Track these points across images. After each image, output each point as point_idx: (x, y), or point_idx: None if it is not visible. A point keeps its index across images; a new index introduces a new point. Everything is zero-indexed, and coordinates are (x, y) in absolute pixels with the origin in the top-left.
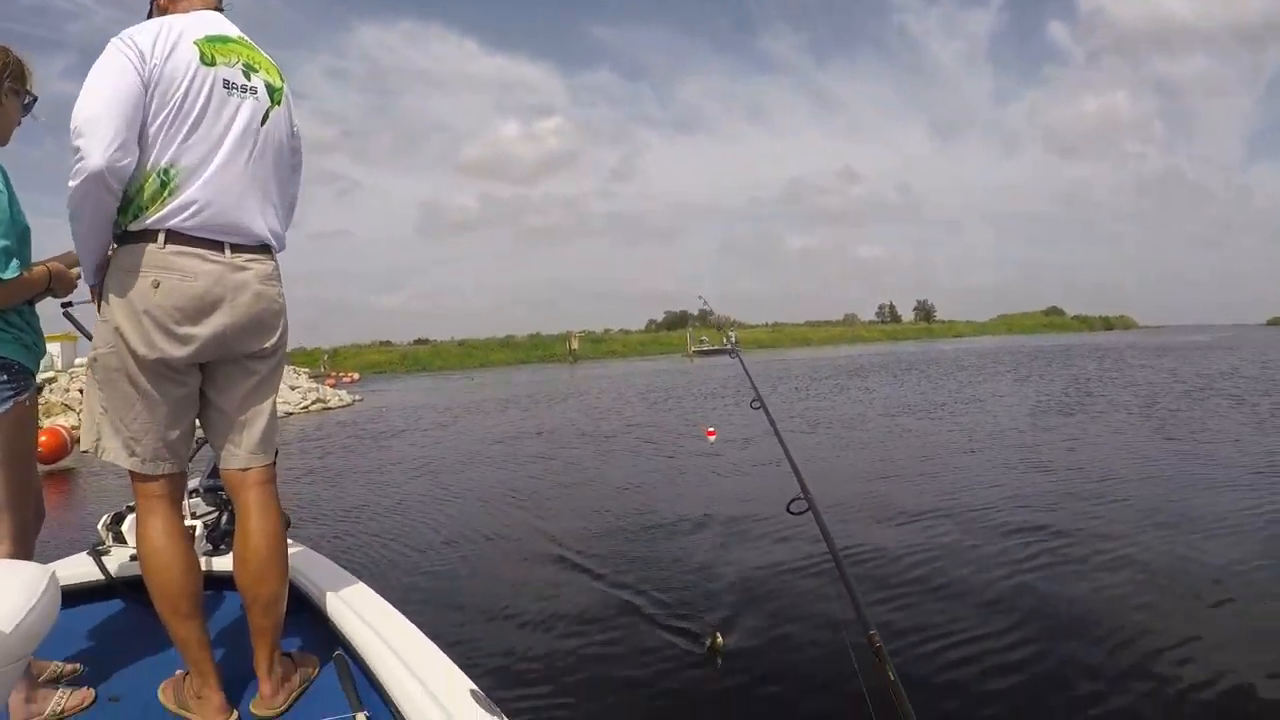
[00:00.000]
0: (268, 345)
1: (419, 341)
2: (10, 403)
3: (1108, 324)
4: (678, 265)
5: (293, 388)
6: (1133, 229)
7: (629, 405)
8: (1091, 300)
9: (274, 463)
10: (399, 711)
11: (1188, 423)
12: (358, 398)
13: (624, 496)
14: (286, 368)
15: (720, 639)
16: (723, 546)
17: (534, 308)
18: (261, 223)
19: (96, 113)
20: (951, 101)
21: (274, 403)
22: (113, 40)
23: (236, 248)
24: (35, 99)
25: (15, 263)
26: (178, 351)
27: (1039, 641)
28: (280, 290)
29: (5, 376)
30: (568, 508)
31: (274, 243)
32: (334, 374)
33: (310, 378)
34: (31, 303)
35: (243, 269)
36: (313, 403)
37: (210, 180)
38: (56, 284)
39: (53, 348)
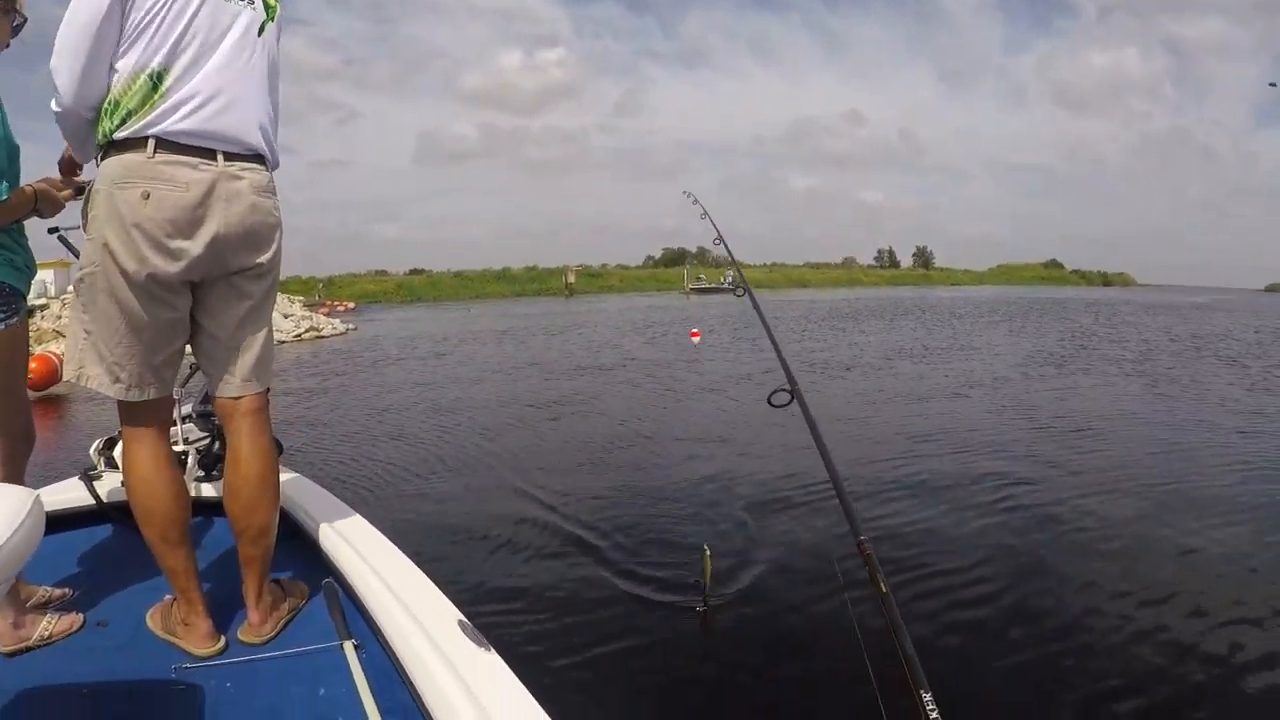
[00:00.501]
0: (262, 261)
1: (415, 272)
2: (2, 325)
3: (1106, 280)
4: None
5: (286, 316)
6: (1136, 188)
7: (625, 339)
8: (1091, 256)
9: (268, 391)
10: (386, 640)
11: (1178, 379)
12: (352, 326)
13: (617, 426)
14: (281, 296)
15: (710, 553)
16: (715, 465)
17: (532, 240)
18: (257, 132)
19: (62, 51)
20: (960, 49)
21: (269, 329)
22: None
23: (230, 156)
24: (25, 20)
25: (4, 184)
26: (170, 267)
27: (1018, 574)
28: (276, 203)
29: None
30: (562, 439)
31: (269, 154)
32: (329, 302)
33: (305, 306)
34: (19, 223)
35: (237, 177)
36: (306, 331)
37: (204, 81)
38: (43, 204)
39: (45, 274)
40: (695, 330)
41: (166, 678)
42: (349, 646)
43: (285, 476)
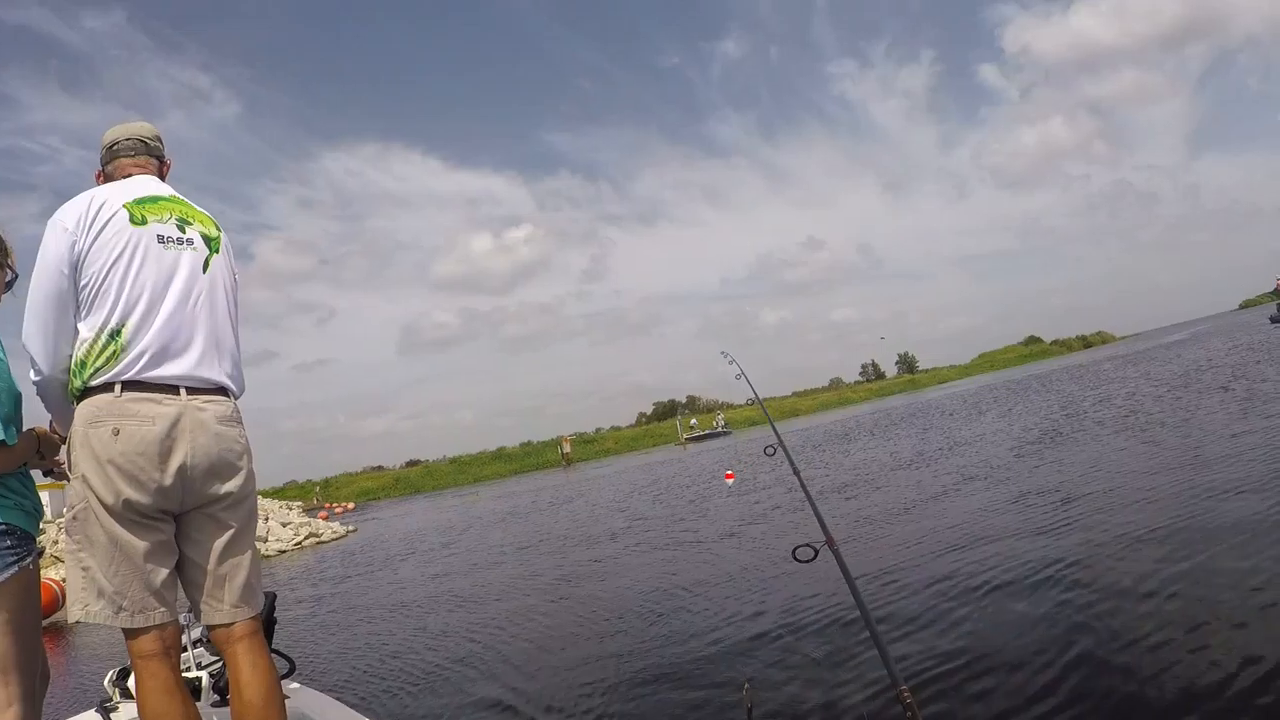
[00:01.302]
0: (233, 490)
1: (410, 463)
2: (15, 568)
3: (1086, 343)
4: (658, 355)
5: (284, 524)
6: (1093, 247)
7: (628, 501)
8: (1067, 323)
9: (261, 614)
10: None
11: (1162, 421)
12: (351, 528)
13: (638, 591)
14: (278, 503)
15: (748, 690)
16: (742, 617)
17: (522, 416)
18: (216, 367)
19: (31, 332)
20: (898, 157)
21: (254, 554)
22: (49, 223)
23: (193, 390)
24: (16, 276)
25: (11, 429)
26: (144, 497)
27: (1067, 678)
28: (242, 432)
29: (9, 542)
30: (579, 615)
31: (231, 385)
32: (326, 505)
33: (304, 512)
34: (25, 467)
35: (201, 409)
36: (305, 538)
37: (159, 330)
38: (46, 448)
39: (41, 495)
40: (730, 473)
41: None
42: None
43: (301, 693)
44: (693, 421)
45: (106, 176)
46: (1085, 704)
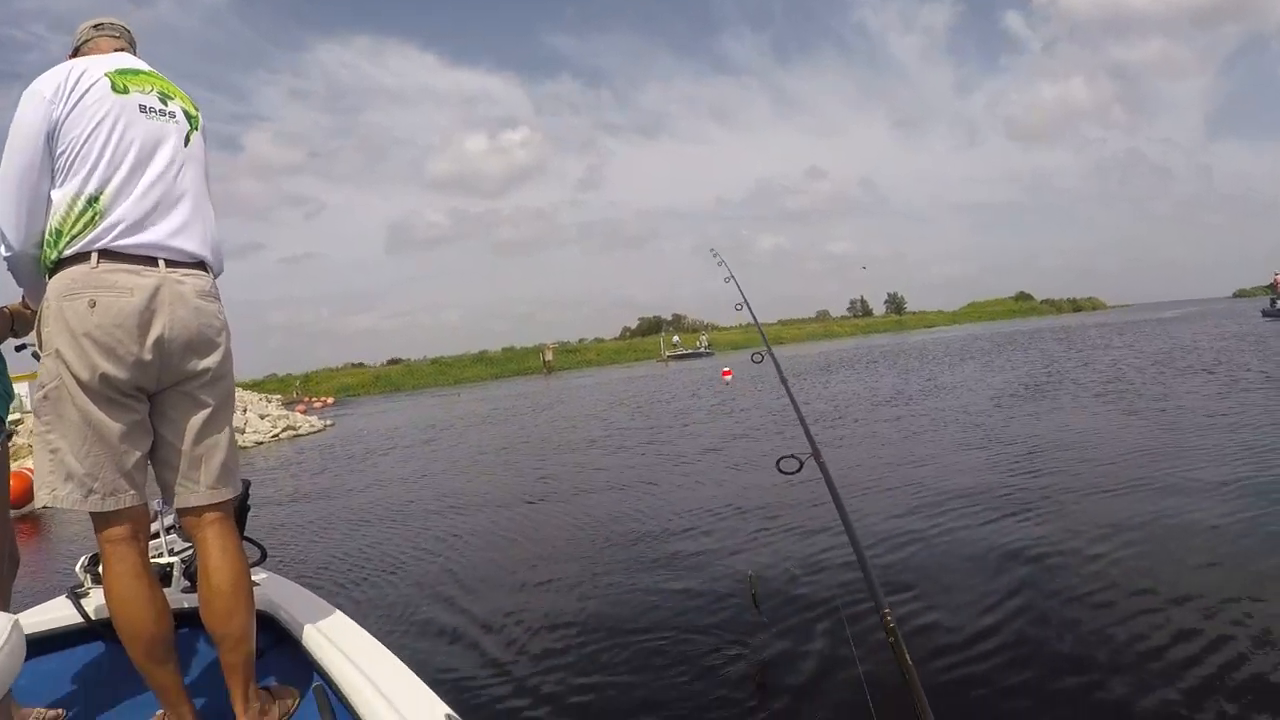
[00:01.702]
0: (211, 366)
1: (392, 361)
2: None
3: (1076, 306)
4: (650, 270)
5: (262, 416)
6: (1097, 212)
7: (609, 411)
8: (1060, 285)
9: (234, 498)
10: None
11: (1140, 392)
12: (329, 423)
13: (615, 500)
14: (257, 395)
15: (753, 578)
16: (721, 529)
17: (508, 322)
18: (196, 239)
19: (2, 206)
20: (912, 95)
21: (230, 435)
22: (24, 94)
23: (171, 263)
24: None
25: None
26: (121, 372)
27: (1027, 617)
28: (220, 308)
29: None
30: (556, 519)
31: (210, 260)
32: (306, 399)
33: (283, 405)
34: None
35: (180, 283)
36: (283, 430)
37: (140, 198)
38: (19, 325)
39: (20, 388)
40: (728, 370)
41: None
42: None
43: (269, 581)
44: (675, 339)
45: (85, 55)
46: (1026, 646)
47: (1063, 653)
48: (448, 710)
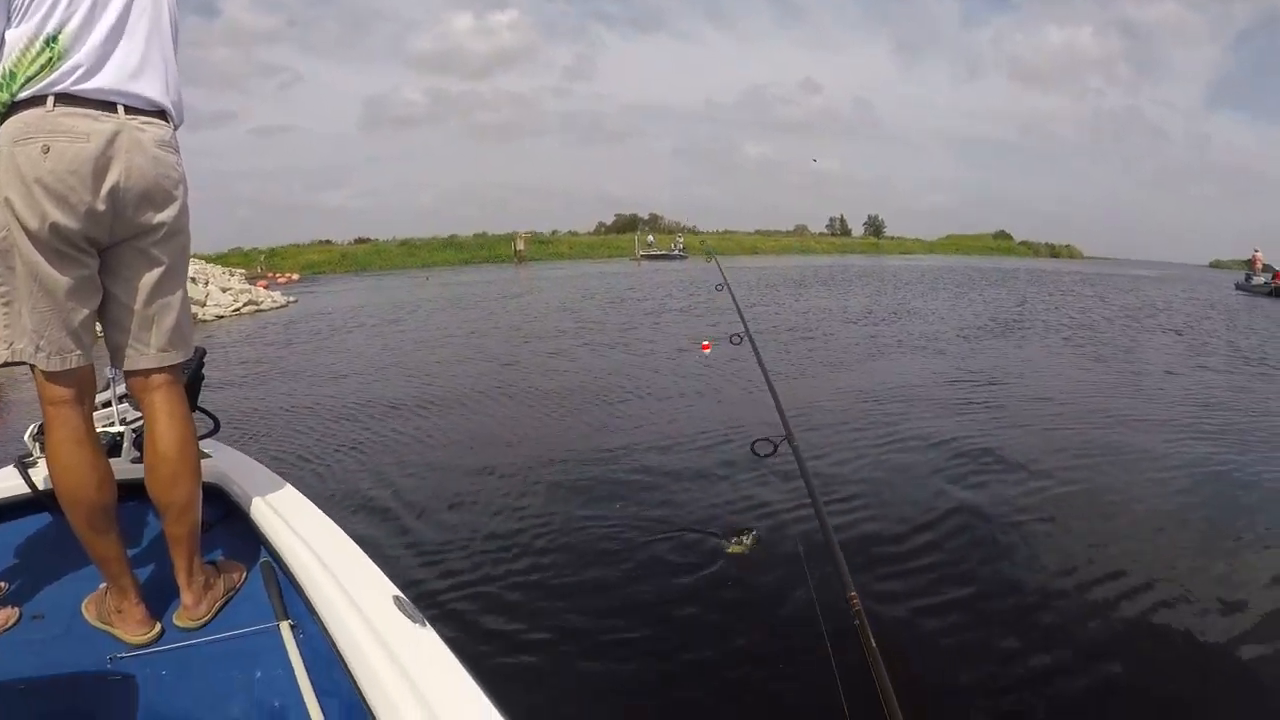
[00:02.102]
0: (166, 220)
1: (360, 241)
2: None
3: (1054, 252)
4: (631, 168)
5: (224, 290)
6: (1086, 164)
7: (580, 304)
8: (1040, 228)
9: (185, 363)
10: (322, 620)
11: (1111, 341)
12: (292, 299)
13: (577, 392)
14: (220, 269)
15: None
16: (685, 432)
17: (482, 208)
18: (158, 86)
19: None
20: (918, 20)
21: (183, 297)
22: None
23: (131, 109)
24: None
25: None
26: (73, 222)
27: (970, 543)
28: (179, 160)
29: None
30: (520, 410)
31: (171, 110)
32: (269, 274)
33: (246, 279)
34: None
35: (139, 130)
36: (244, 305)
37: (101, 39)
38: None
39: None
40: (706, 343)
41: (102, 668)
42: (285, 627)
43: (222, 453)
44: (650, 239)
45: None
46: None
47: (1001, 575)
48: (396, 592)
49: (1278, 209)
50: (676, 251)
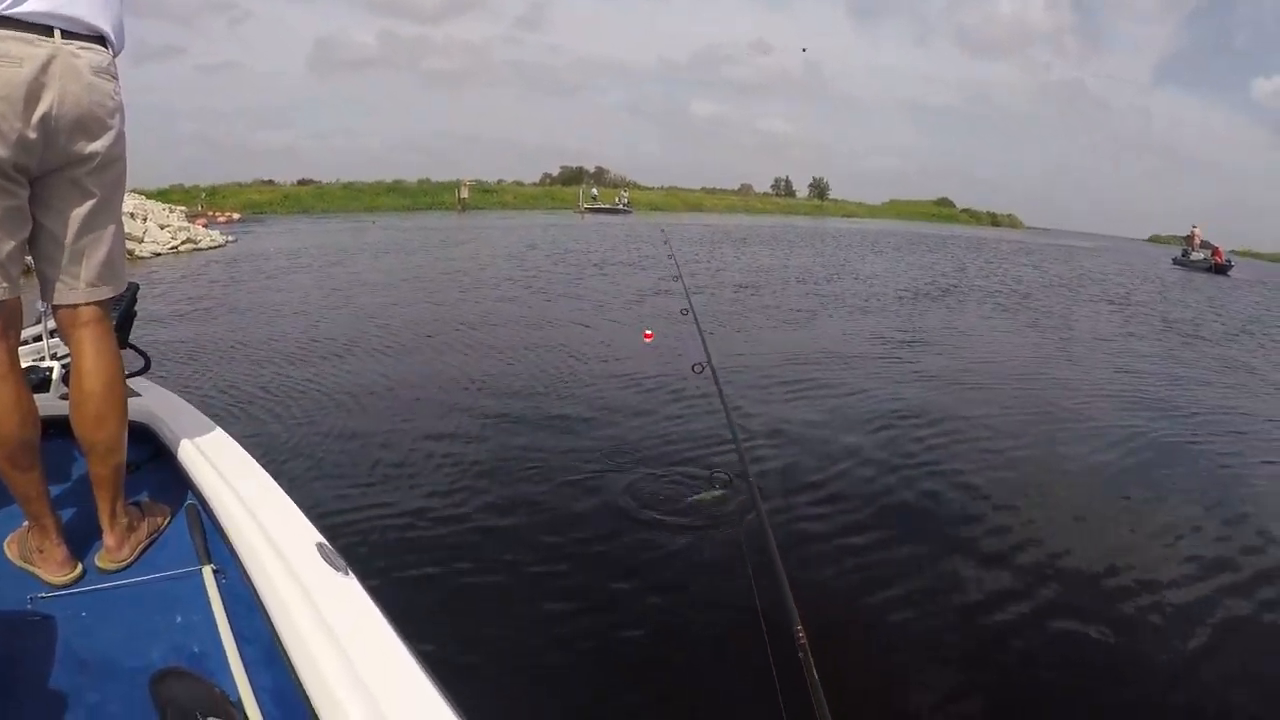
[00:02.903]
0: (100, 150)
1: (303, 182)
2: None
3: (995, 221)
4: (580, 121)
5: (162, 226)
6: (1031, 134)
7: (524, 254)
8: (982, 197)
9: (116, 297)
10: (243, 564)
11: (1048, 310)
12: (231, 239)
13: (517, 340)
14: (160, 205)
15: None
16: (616, 388)
17: (427, 154)
18: (97, 10)
19: None
20: None
21: (117, 229)
22: None
23: (68, 34)
24: None
25: None
26: (2, 149)
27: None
28: (118, 88)
29: None
30: (457, 359)
31: (111, 36)
32: (211, 213)
33: (187, 217)
34: None
35: (75, 55)
36: (183, 243)
37: None
38: None
39: None
40: (649, 332)
41: (22, 608)
42: (208, 571)
43: (152, 393)
44: (594, 192)
45: None
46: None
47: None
48: (320, 539)
49: (1218, 186)
50: (621, 206)
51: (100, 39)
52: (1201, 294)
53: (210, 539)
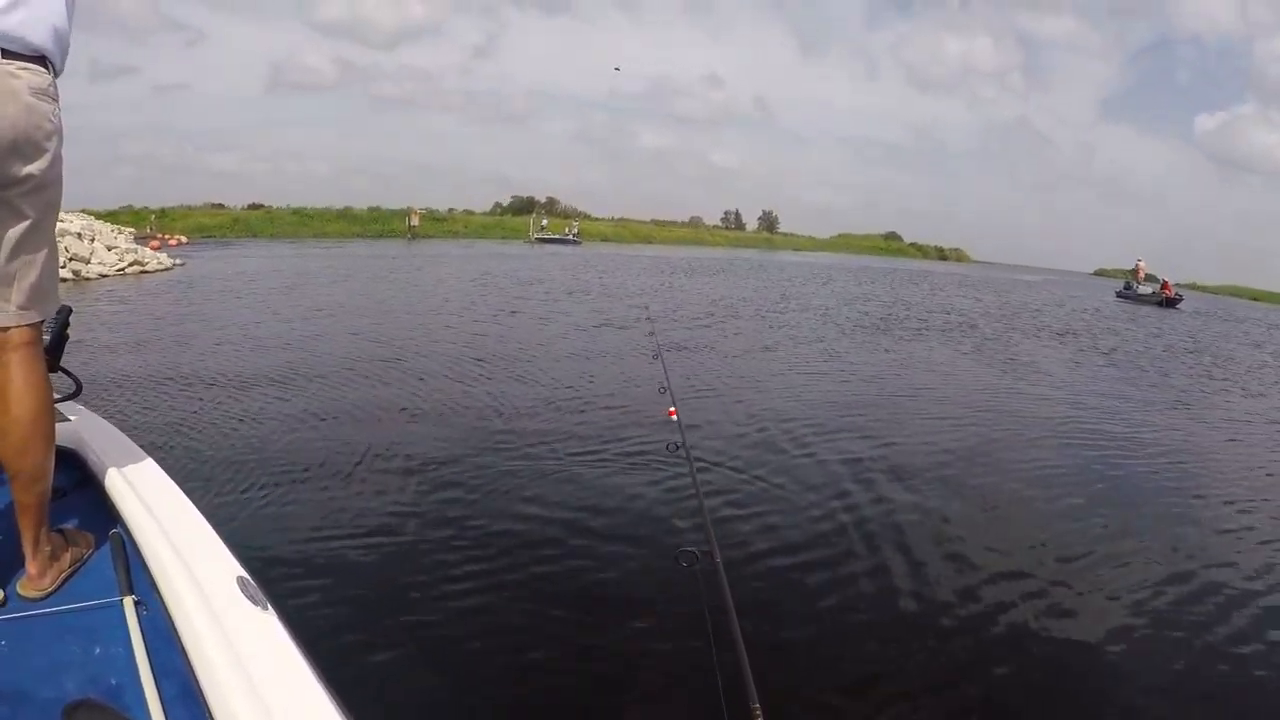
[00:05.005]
0: (35, 172)
1: (253, 206)
2: None
3: (942, 254)
4: (530, 151)
5: (110, 248)
6: (977, 169)
7: (480, 280)
8: (929, 231)
9: (47, 321)
10: (163, 597)
11: (991, 340)
12: (179, 262)
13: (467, 371)
14: (107, 227)
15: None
16: (562, 431)
17: (377, 181)
18: (41, 30)
19: None
20: (822, 19)
21: (50, 253)
22: None
23: (9, 54)
24: None
25: None
26: None
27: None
28: (57, 110)
29: None
30: (395, 393)
31: (53, 56)
32: (159, 235)
33: (136, 239)
34: None
35: (14, 76)
36: (129, 265)
37: None
38: None
39: None
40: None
41: None
42: (129, 603)
43: (82, 418)
44: (544, 222)
45: None
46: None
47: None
48: (241, 573)
49: (1161, 221)
50: (571, 237)
51: (41, 59)
52: (1143, 326)
53: (134, 569)
